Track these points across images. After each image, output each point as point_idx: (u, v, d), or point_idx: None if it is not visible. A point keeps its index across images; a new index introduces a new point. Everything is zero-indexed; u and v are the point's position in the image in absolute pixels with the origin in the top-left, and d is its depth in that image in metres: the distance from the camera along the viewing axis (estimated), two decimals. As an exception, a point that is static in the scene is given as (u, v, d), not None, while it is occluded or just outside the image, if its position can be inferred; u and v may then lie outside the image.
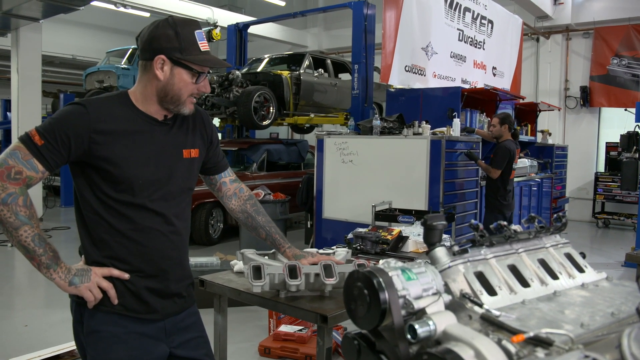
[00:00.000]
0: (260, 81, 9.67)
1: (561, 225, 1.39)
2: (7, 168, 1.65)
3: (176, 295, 1.92)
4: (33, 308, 5.64)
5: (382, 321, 1.00)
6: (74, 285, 1.72)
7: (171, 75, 1.78)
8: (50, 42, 13.69)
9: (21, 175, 1.66)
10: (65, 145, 1.69)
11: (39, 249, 1.68)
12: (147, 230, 1.81)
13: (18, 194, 1.66)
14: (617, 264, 7.84)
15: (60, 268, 1.72)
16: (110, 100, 1.80)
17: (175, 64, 1.77)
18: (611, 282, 1.29)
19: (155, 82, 1.79)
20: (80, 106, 1.73)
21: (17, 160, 1.66)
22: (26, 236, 1.66)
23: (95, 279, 1.75)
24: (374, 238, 3.04)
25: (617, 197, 11.61)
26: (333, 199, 6.62)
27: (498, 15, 9.97)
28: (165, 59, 1.76)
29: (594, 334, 0.97)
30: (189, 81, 1.80)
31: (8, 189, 1.64)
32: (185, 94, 1.81)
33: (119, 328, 1.79)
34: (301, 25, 16.64)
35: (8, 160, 1.66)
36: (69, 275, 1.72)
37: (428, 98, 7.25)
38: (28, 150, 1.67)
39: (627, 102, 11.69)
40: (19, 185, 1.66)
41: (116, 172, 1.75)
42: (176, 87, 1.79)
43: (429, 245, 1.20)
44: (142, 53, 1.81)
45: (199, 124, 2.00)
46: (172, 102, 1.82)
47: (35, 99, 10.69)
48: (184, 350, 1.93)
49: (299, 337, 4.31)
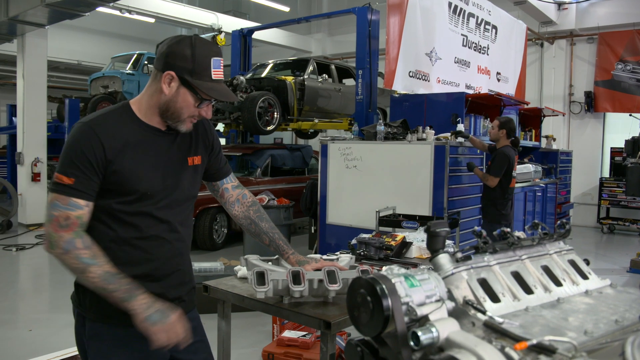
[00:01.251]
0: (264, 86, 9.69)
1: (565, 232, 1.39)
2: (55, 220, 1.69)
3: (177, 300, 1.94)
4: (37, 313, 5.65)
5: (385, 328, 1.00)
6: (150, 322, 1.69)
7: (176, 93, 1.79)
8: (55, 47, 13.77)
9: (70, 220, 1.69)
10: (92, 170, 1.72)
11: (111, 285, 1.69)
12: (153, 238, 1.83)
13: (74, 237, 1.69)
14: (622, 270, 7.81)
15: (138, 300, 1.70)
16: (113, 115, 1.81)
17: (183, 83, 1.78)
18: (615, 289, 1.29)
19: (161, 95, 1.81)
20: (85, 127, 1.75)
21: (60, 209, 1.69)
22: (95, 277, 1.68)
23: (173, 322, 1.73)
24: (377, 244, 3.04)
25: (622, 202, 11.57)
26: (337, 205, 6.62)
27: (502, 20, 9.97)
28: (174, 76, 1.77)
29: (598, 341, 0.97)
30: (192, 103, 1.81)
31: (64, 237, 1.68)
32: (186, 114, 1.82)
33: (121, 332, 1.80)
34: (305, 31, 16.68)
35: (53, 213, 1.69)
36: (148, 311, 1.70)
37: (432, 103, 7.24)
38: (64, 194, 1.70)
39: (632, 108, 11.67)
40: (72, 230, 1.69)
41: (125, 184, 1.77)
42: (178, 106, 1.80)
43: (432, 252, 1.20)
44: (156, 62, 1.83)
45: (201, 131, 2.01)
46: (171, 118, 1.83)
47: (41, 104, 10.75)
48: (185, 354, 1.94)
49: (302, 343, 4.30)
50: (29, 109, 10.50)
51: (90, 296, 1.82)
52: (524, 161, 8.85)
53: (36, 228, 10.34)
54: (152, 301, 1.72)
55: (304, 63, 10.53)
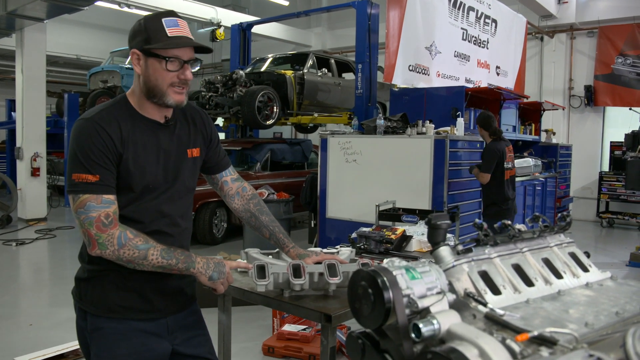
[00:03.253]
0: (264, 81, 9.68)
1: (565, 225, 1.39)
2: (97, 220, 1.68)
3: (178, 293, 1.95)
4: (38, 307, 5.66)
5: (386, 320, 1.01)
6: (213, 280, 1.84)
7: (146, 67, 1.78)
8: (54, 42, 13.74)
9: (110, 217, 1.70)
10: (110, 164, 1.73)
11: (171, 260, 1.75)
12: (155, 232, 1.83)
13: (123, 230, 1.71)
14: (621, 264, 7.82)
15: (198, 264, 1.81)
16: (114, 110, 1.80)
17: (146, 54, 1.77)
18: (615, 281, 1.29)
19: (138, 78, 1.81)
20: (91, 123, 1.73)
21: (97, 209, 1.68)
22: (155, 257, 1.73)
23: (228, 273, 1.89)
24: (377, 237, 3.04)
25: (622, 196, 11.57)
26: (337, 199, 6.62)
27: (502, 14, 9.95)
28: (138, 53, 1.77)
29: (599, 333, 0.97)
30: (162, 69, 1.77)
31: (114, 234, 1.69)
32: (164, 83, 1.78)
33: (123, 325, 1.81)
34: (305, 25, 16.64)
35: (91, 215, 1.68)
36: (209, 271, 1.83)
37: (432, 97, 7.24)
38: (95, 193, 1.69)
39: (632, 102, 11.65)
40: (116, 225, 1.70)
41: (131, 178, 1.77)
42: (153, 78, 1.78)
43: (433, 244, 1.20)
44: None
45: (199, 123, 2.01)
46: (156, 96, 1.80)
47: (40, 98, 10.73)
48: (186, 348, 1.95)
49: (302, 337, 4.31)
50: (28, 104, 10.48)
51: (91, 291, 1.83)
52: (523, 155, 8.86)
53: (36, 223, 10.34)
54: (206, 261, 1.84)
55: (303, 57, 10.51)
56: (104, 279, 1.82)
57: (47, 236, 9.23)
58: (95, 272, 1.83)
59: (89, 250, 1.71)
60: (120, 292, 1.82)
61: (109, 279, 1.81)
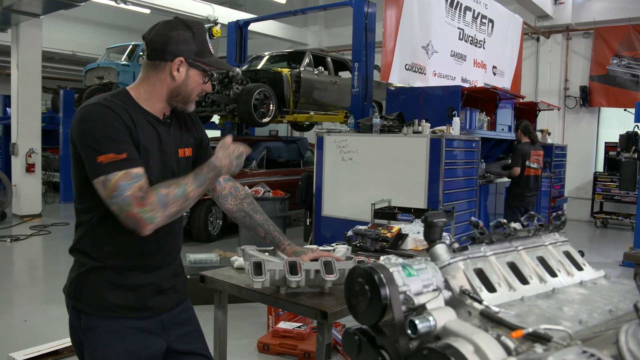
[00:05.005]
0: (260, 79, 9.68)
1: (560, 224, 1.41)
2: (133, 198, 1.63)
3: (171, 290, 1.95)
4: (32, 304, 5.65)
5: (382, 317, 1.02)
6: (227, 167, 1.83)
7: (186, 77, 1.83)
8: (50, 38, 13.69)
9: (143, 188, 1.66)
10: (130, 140, 1.72)
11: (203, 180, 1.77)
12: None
13: (157, 193, 1.67)
14: (615, 264, 7.86)
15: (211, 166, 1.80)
16: (115, 99, 1.79)
17: (191, 66, 1.82)
18: (609, 280, 1.30)
19: (169, 81, 1.82)
20: (101, 106, 1.73)
21: (129, 187, 1.64)
22: (193, 191, 1.74)
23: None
24: (373, 235, 3.06)
25: (616, 197, 11.62)
26: (332, 197, 6.63)
27: (498, 14, 9.97)
28: (183, 61, 1.80)
29: (592, 330, 0.98)
30: (200, 82, 1.87)
31: (153, 203, 1.65)
32: (195, 93, 1.89)
33: (117, 324, 1.81)
34: (302, 23, 16.63)
35: (126, 195, 1.63)
36: (218, 162, 1.80)
37: (428, 97, 7.25)
38: (124, 170, 1.65)
39: (627, 102, 11.69)
40: (150, 193, 1.66)
41: None
42: (189, 88, 1.85)
43: (430, 242, 1.21)
44: (155, 53, 1.81)
45: (189, 124, 2.03)
46: (181, 101, 1.88)
47: (35, 94, 10.69)
48: (180, 344, 1.96)
49: (298, 334, 4.32)
50: (23, 100, 10.44)
51: (87, 290, 1.82)
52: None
53: (30, 219, 10.32)
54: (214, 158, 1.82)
55: (300, 55, 10.50)
56: (98, 277, 1.81)
57: (42, 232, 9.21)
58: (89, 267, 1.81)
59: (140, 231, 1.65)
60: (114, 290, 1.81)
61: (103, 276, 1.80)
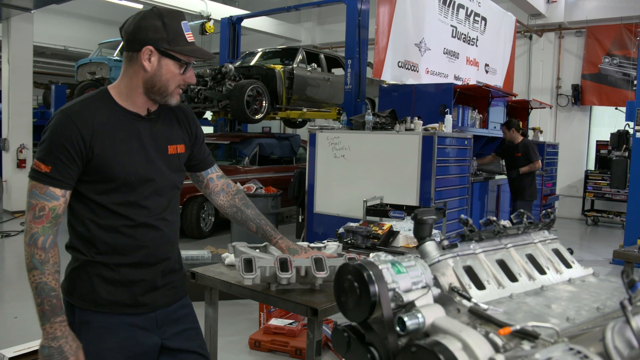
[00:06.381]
0: (253, 75, 9.65)
1: (549, 222, 1.41)
2: (32, 209, 1.69)
3: (166, 287, 1.93)
4: (23, 300, 5.61)
5: (371, 313, 1.02)
6: (41, 354, 1.69)
7: (158, 67, 1.77)
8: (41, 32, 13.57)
9: (44, 211, 1.68)
10: (69, 158, 1.70)
11: (38, 297, 1.68)
12: (142, 226, 1.82)
13: (40, 234, 1.68)
14: (605, 262, 7.91)
15: (49, 327, 1.69)
16: (91, 102, 1.79)
17: (163, 54, 1.76)
18: (598, 277, 1.31)
19: (142, 73, 1.78)
20: (63, 116, 1.73)
21: (37, 198, 1.68)
22: (33, 281, 1.68)
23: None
24: (365, 232, 3.06)
25: (607, 195, 11.70)
26: (325, 194, 6.63)
27: (491, 12, 9.99)
28: (152, 50, 1.75)
29: (580, 327, 0.99)
30: (176, 72, 1.80)
31: (32, 229, 1.68)
32: (173, 85, 1.81)
33: (109, 319, 1.81)
34: (295, 20, 16.59)
35: (31, 202, 1.69)
36: (46, 341, 1.68)
37: (420, 94, 7.26)
38: (41, 183, 1.69)
39: (618, 101, 11.76)
40: (42, 224, 1.68)
41: (106, 170, 1.75)
42: (164, 78, 1.79)
43: (419, 239, 1.22)
44: (127, 44, 1.79)
45: (182, 120, 1.99)
46: (159, 94, 1.81)
47: (26, 90, 10.62)
48: (176, 342, 1.94)
49: (289, 331, 4.32)
50: (14, 95, 10.37)
51: (81, 285, 1.81)
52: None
53: (21, 215, 10.25)
54: (60, 336, 1.69)
55: (293, 52, 10.48)
56: (90, 272, 1.80)
57: (33, 228, 9.14)
58: (82, 262, 1.81)
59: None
60: (107, 285, 1.80)
61: (95, 271, 1.79)
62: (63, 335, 1.70)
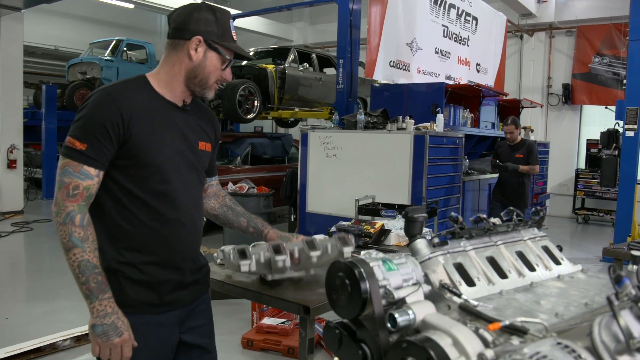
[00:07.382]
0: (245, 75, 9.64)
1: (539, 219, 1.43)
2: (65, 187, 1.64)
3: (194, 284, 1.92)
4: (14, 301, 5.59)
5: (363, 310, 1.02)
6: (95, 332, 1.64)
7: (204, 58, 1.80)
8: (32, 32, 13.50)
9: (79, 190, 1.65)
10: (106, 137, 1.67)
11: (82, 276, 1.62)
12: (170, 220, 1.80)
13: (76, 211, 1.64)
14: (595, 259, 7.97)
15: (99, 304, 1.64)
16: (131, 85, 1.79)
17: (210, 47, 1.80)
18: (586, 274, 1.32)
19: (187, 62, 1.80)
20: (105, 94, 1.71)
21: (71, 176, 1.65)
22: (74, 260, 1.62)
23: (120, 342, 1.66)
24: (356, 231, 3.07)
25: (597, 193, 11.79)
26: (317, 193, 6.64)
27: (483, 12, 10.03)
28: (201, 40, 1.79)
29: (568, 323, 1.00)
30: (218, 66, 1.83)
31: (67, 208, 1.63)
32: (213, 78, 1.84)
33: (138, 319, 1.76)
34: (287, 19, 16.59)
35: (64, 179, 1.65)
36: (98, 319, 1.63)
37: (412, 93, 7.28)
38: (75, 160, 1.65)
39: (608, 100, 11.85)
40: (77, 202, 1.65)
41: (141, 154, 1.73)
42: (207, 70, 1.82)
43: (410, 237, 1.23)
44: (175, 32, 1.81)
45: (210, 121, 2.02)
46: (199, 85, 1.84)
47: (17, 90, 10.56)
48: (190, 337, 1.93)
49: (281, 330, 4.33)
50: (4, 95, 10.30)
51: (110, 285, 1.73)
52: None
53: (12, 216, 10.20)
54: (111, 312, 1.65)
55: (285, 51, 10.49)
56: (118, 272, 1.75)
57: (24, 229, 9.10)
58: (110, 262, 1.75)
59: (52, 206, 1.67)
60: (135, 285, 1.76)
61: (123, 272, 1.75)
62: (114, 312, 1.66)
